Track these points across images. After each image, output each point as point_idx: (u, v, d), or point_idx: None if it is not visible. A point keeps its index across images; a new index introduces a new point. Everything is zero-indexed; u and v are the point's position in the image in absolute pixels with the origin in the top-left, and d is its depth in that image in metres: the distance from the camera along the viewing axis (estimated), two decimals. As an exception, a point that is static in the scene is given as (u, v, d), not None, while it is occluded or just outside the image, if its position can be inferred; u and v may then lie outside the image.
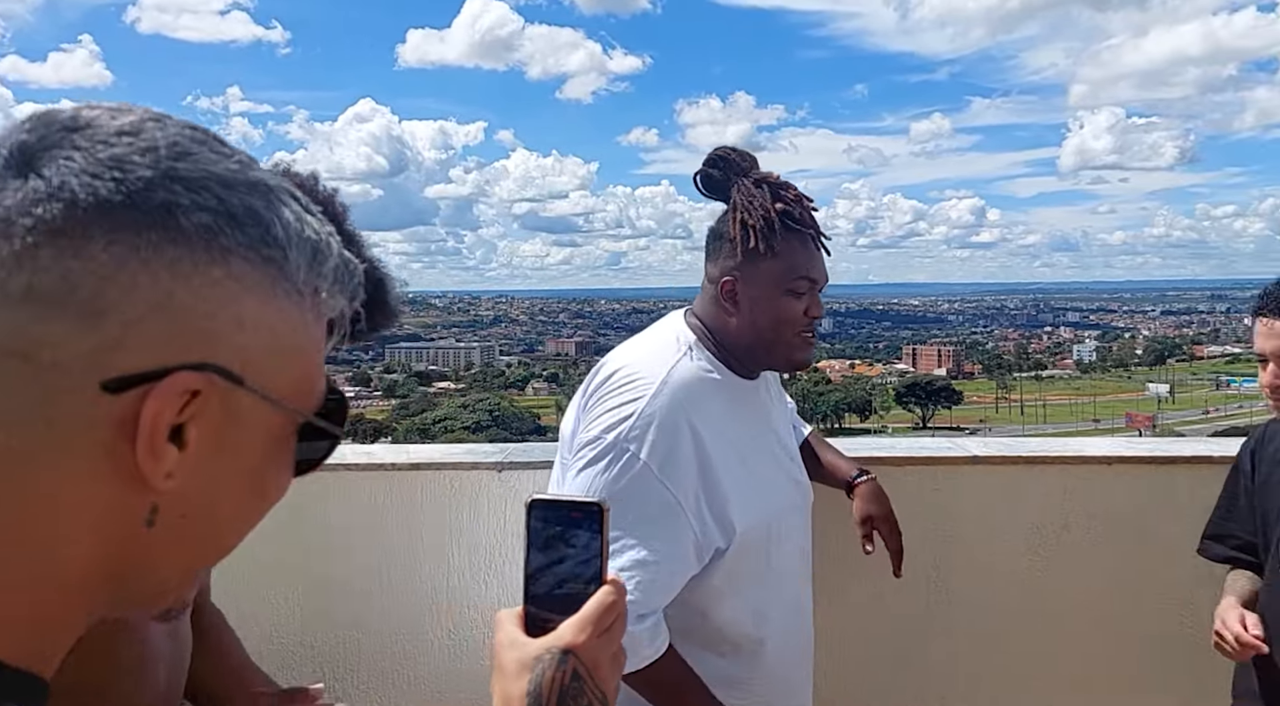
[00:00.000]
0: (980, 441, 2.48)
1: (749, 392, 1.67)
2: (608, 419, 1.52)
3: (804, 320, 1.60)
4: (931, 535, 2.29)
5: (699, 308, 1.68)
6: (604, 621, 0.73)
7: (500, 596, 2.39)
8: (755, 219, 1.56)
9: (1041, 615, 2.27)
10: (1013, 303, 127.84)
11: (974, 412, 75.30)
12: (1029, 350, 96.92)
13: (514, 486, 2.38)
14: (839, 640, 2.26)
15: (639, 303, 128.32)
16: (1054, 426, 68.90)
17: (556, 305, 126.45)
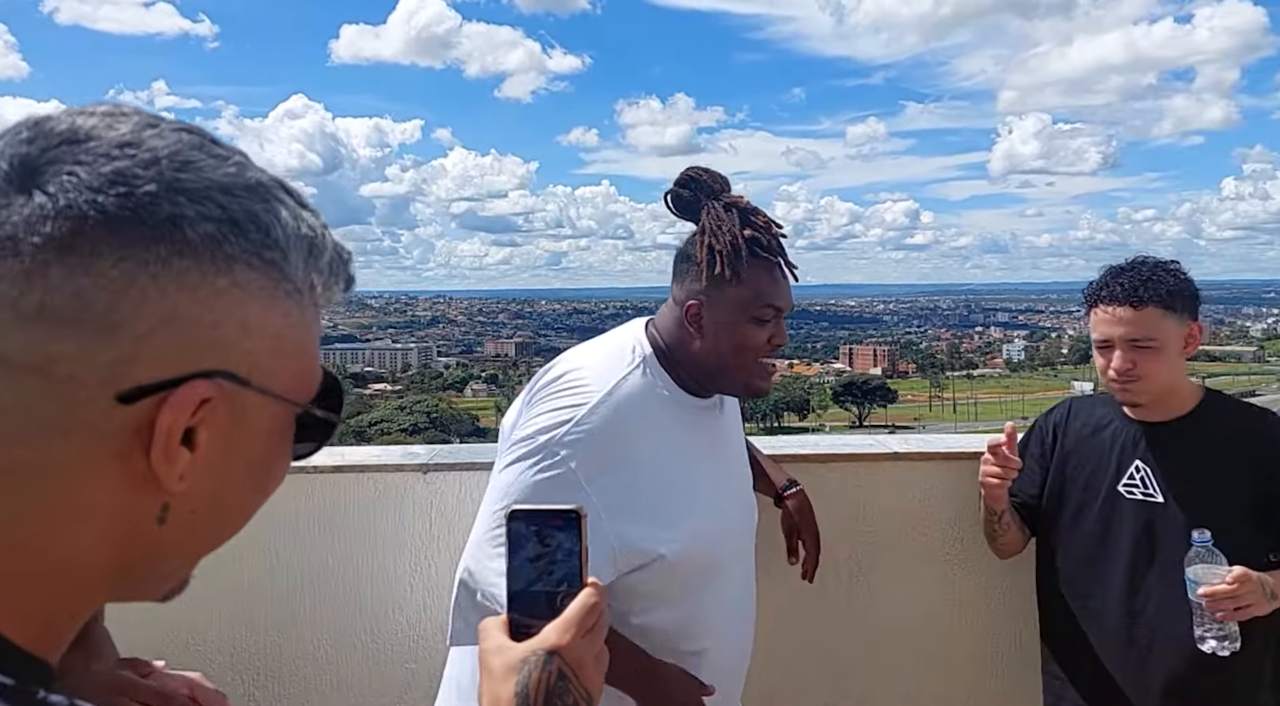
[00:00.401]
0: (900, 438, 2.54)
1: (700, 412, 1.66)
2: (546, 419, 1.51)
3: (767, 348, 1.60)
4: (854, 531, 2.33)
5: (661, 324, 1.66)
6: (586, 622, 0.76)
7: (425, 599, 2.36)
8: (723, 244, 1.54)
9: (957, 607, 2.33)
10: (945, 303, 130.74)
11: (909, 411, 76.84)
12: (961, 350, 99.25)
13: (439, 488, 2.36)
14: (762, 634, 2.29)
15: (580, 303, 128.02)
16: (985, 424, 70.65)
17: (496, 305, 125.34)
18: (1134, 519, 1.90)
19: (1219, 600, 1.69)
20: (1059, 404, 2.17)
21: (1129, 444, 1.94)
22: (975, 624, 2.34)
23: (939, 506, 2.33)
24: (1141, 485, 1.91)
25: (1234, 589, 1.68)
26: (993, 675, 2.32)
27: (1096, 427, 2.01)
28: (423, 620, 2.37)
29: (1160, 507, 1.87)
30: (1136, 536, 1.89)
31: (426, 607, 2.37)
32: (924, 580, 2.34)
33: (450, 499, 2.36)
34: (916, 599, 2.34)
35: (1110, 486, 1.94)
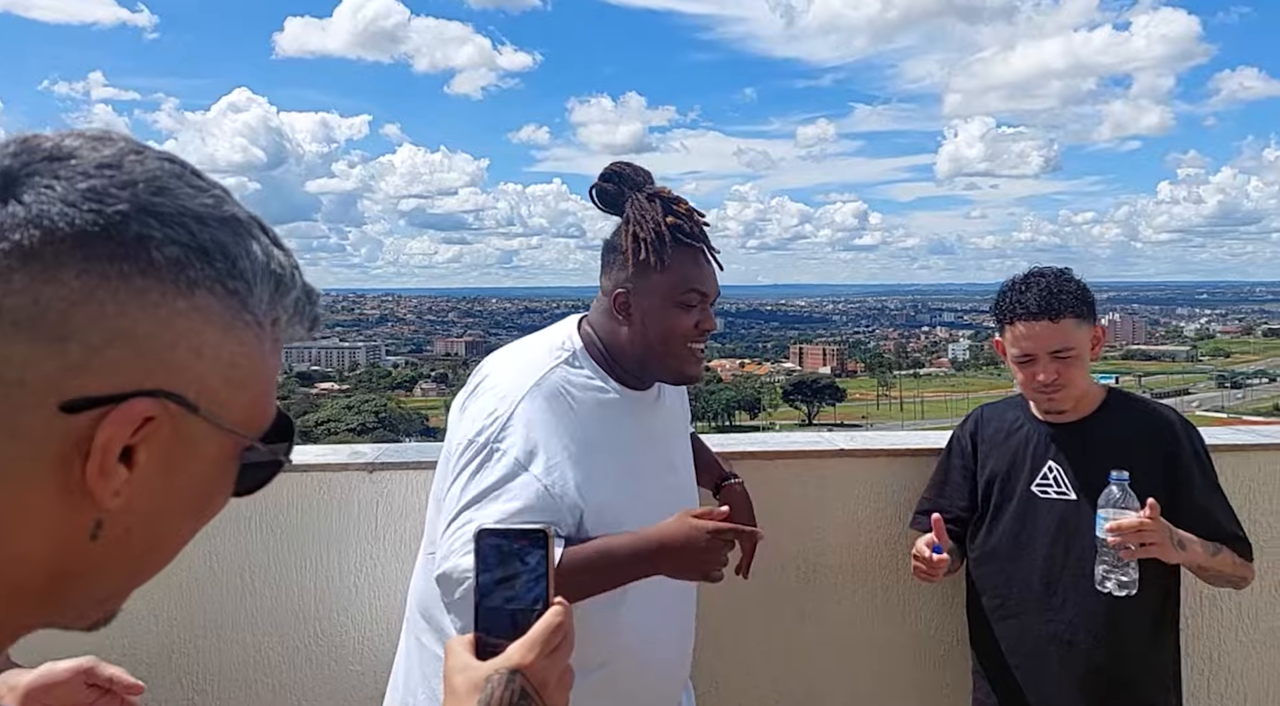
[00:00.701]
0: (848, 435, 2.57)
1: (636, 403, 1.69)
2: (479, 422, 1.56)
3: (694, 333, 1.64)
4: (803, 528, 2.35)
5: (593, 317, 1.70)
6: (551, 641, 0.76)
7: (371, 600, 2.33)
8: (647, 232, 1.59)
9: (902, 603, 2.37)
10: (893, 303, 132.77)
11: (857, 409, 77.80)
12: (908, 349, 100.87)
13: (386, 487, 2.33)
14: (711, 630, 2.30)
15: (531, 302, 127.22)
16: (931, 422, 71.87)
17: (446, 304, 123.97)
18: (1049, 518, 1.95)
19: (1125, 534, 1.72)
20: (969, 415, 2.22)
21: (1041, 445, 2.00)
22: (920, 619, 2.38)
23: (885, 502, 2.37)
24: (1055, 484, 1.97)
25: (1141, 522, 1.71)
26: (937, 670, 2.36)
27: (1009, 431, 2.07)
28: (369, 621, 2.34)
29: (1073, 505, 1.92)
30: (1052, 535, 1.94)
31: (373, 608, 2.34)
32: (871, 576, 2.37)
33: (397, 497, 2.33)
34: (863, 594, 2.37)
35: (1025, 487, 1.99)
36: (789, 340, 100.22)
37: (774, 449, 2.38)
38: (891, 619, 2.37)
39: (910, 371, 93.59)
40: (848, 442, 2.44)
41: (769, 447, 2.39)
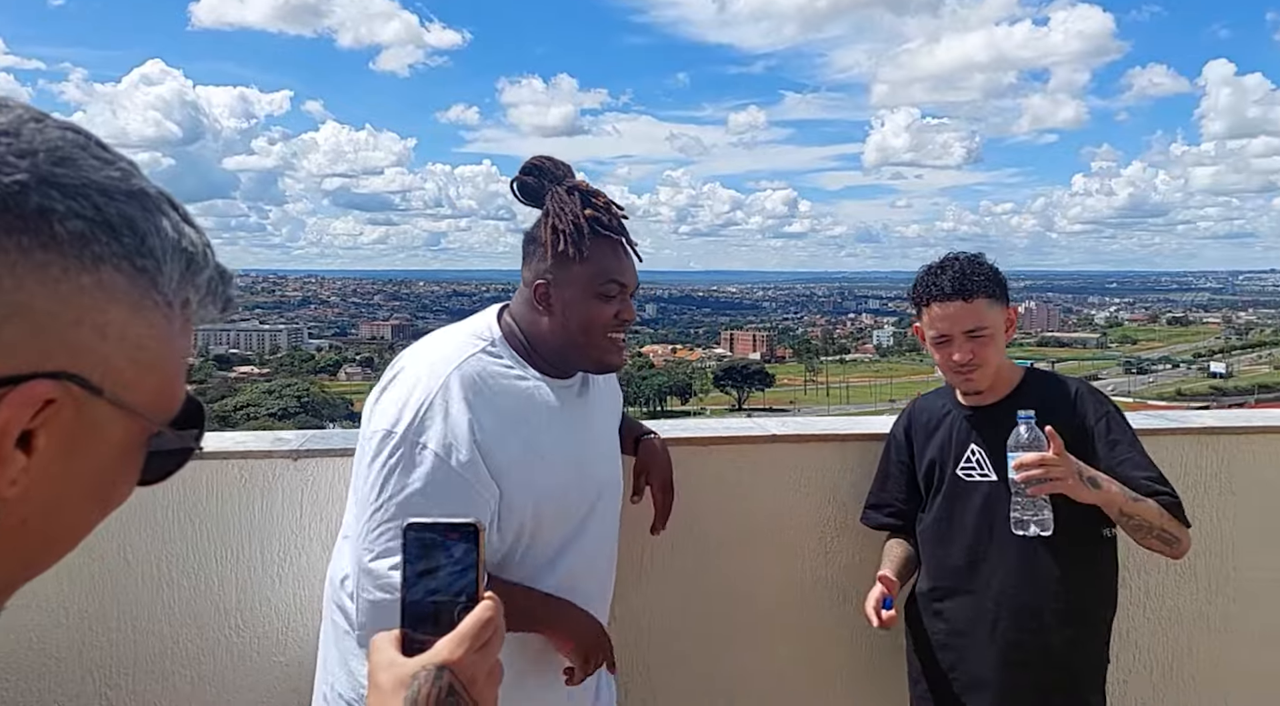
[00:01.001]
0: (779, 421, 2.60)
1: (556, 392, 1.70)
2: (394, 411, 1.56)
3: (614, 323, 1.67)
4: (734, 512, 2.37)
5: (514, 307, 1.72)
6: (480, 636, 0.74)
7: (296, 590, 2.27)
8: (565, 225, 1.61)
9: (832, 584, 2.41)
10: (821, 290, 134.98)
11: (785, 394, 79.00)
12: (834, 335, 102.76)
13: (312, 475, 2.27)
14: (638, 616, 2.31)
15: (460, 284, 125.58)
16: (856, 406, 73.42)
17: (371, 286, 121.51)
18: (974, 499, 2.01)
19: (1029, 470, 1.76)
20: (903, 411, 2.28)
21: (963, 429, 2.06)
22: (849, 600, 2.42)
23: (816, 487, 2.40)
24: (978, 467, 2.02)
25: (1043, 456, 1.76)
26: (864, 650, 2.40)
27: (938, 420, 2.13)
28: (292, 612, 2.28)
29: (995, 485, 1.98)
30: (977, 516, 2.00)
31: (297, 599, 2.28)
32: (800, 558, 2.40)
33: (323, 485, 2.27)
34: (793, 576, 2.41)
35: (951, 472, 2.05)
36: (720, 326, 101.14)
37: (707, 435, 2.39)
38: (821, 602, 2.41)
39: (836, 357, 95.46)
40: (780, 428, 2.46)
41: (702, 434, 2.40)
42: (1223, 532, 2.43)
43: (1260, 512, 2.44)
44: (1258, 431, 2.46)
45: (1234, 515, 2.43)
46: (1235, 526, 2.43)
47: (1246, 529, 2.44)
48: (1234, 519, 2.43)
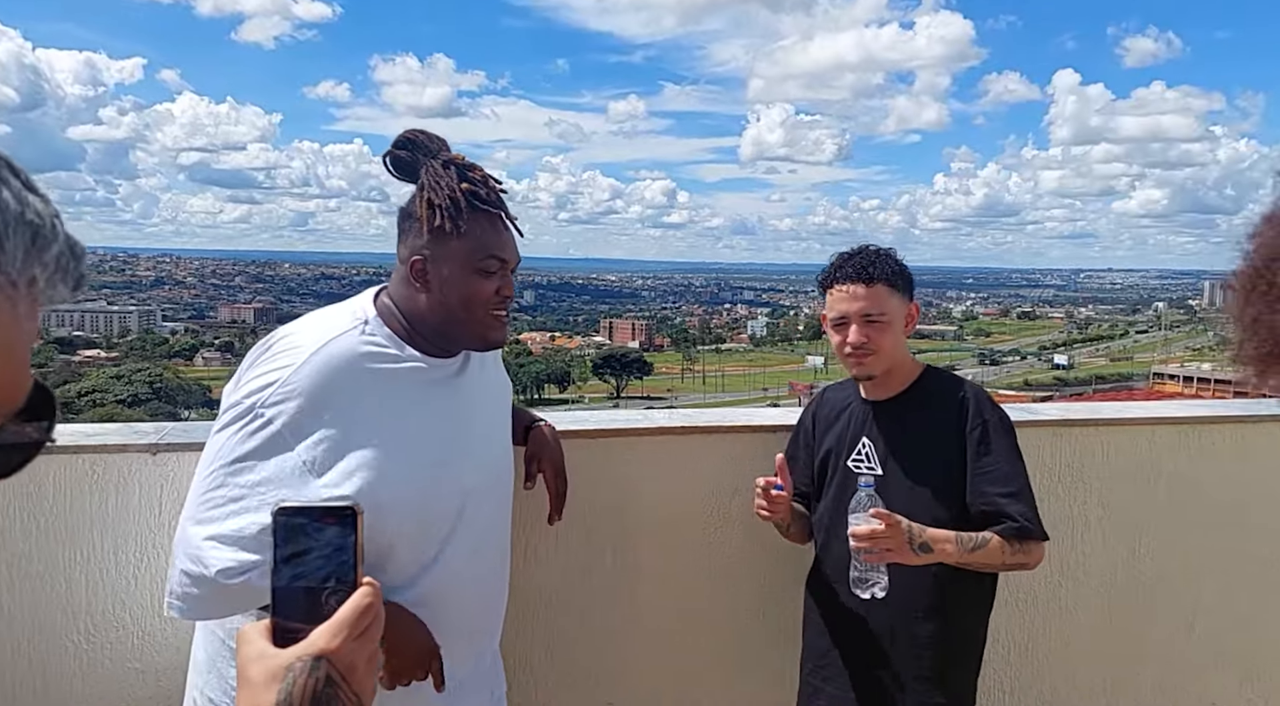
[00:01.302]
0: (665, 413, 2.60)
1: (436, 372, 1.65)
2: (254, 383, 1.50)
3: (495, 299, 1.62)
4: (621, 506, 2.37)
5: (392, 287, 1.66)
6: (359, 624, 0.71)
7: (154, 592, 2.13)
8: (442, 199, 1.56)
9: (721, 576, 2.44)
10: (698, 281, 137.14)
11: (663, 383, 79.95)
12: (711, 325, 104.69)
13: (172, 470, 2.13)
14: (528, 614, 2.28)
15: (329, 267, 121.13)
16: (730, 395, 75.10)
17: (232, 267, 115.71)
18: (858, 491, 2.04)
19: (860, 541, 1.84)
20: (815, 396, 2.32)
21: (859, 422, 2.11)
22: (738, 590, 2.46)
23: (701, 478, 2.41)
24: (866, 460, 2.08)
25: (873, 530, 1.83)
26: (756, 639, 2.44)
27: (840, 410, 2.17)
28: (149, 616, 2.14)
29: (880, 480, 2.02)
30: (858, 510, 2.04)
31: (155, 602, 2.14)
32: (684, 549, 2.42)
33: (184, 481, 2.12)
34: (681, 569, 2.42)
35: (843, 463, 2.10)
36: (599, 314, 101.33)
37: (594, 427, 2.38)
38: (704, 593, 2.44)
39: (713, 347, 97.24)
40: (666, 420, 2.47)
41: (588, 426, 2.38)
42: (1073, 519, 2.59)
43: (1107, 501, 2.62)
44: (1106, 423, 2.64)
45: (1084, 502, 2.59)
46: (1085, 513, 2.60)
47: (1096, 516, 2.61)
48: (1084, 506, 2.59)
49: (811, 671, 2.14)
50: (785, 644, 2.31)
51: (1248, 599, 2.72)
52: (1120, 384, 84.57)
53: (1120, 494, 2.62)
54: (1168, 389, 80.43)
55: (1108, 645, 2.65)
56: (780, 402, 68.69)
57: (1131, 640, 2.66)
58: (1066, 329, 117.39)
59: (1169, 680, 2.69)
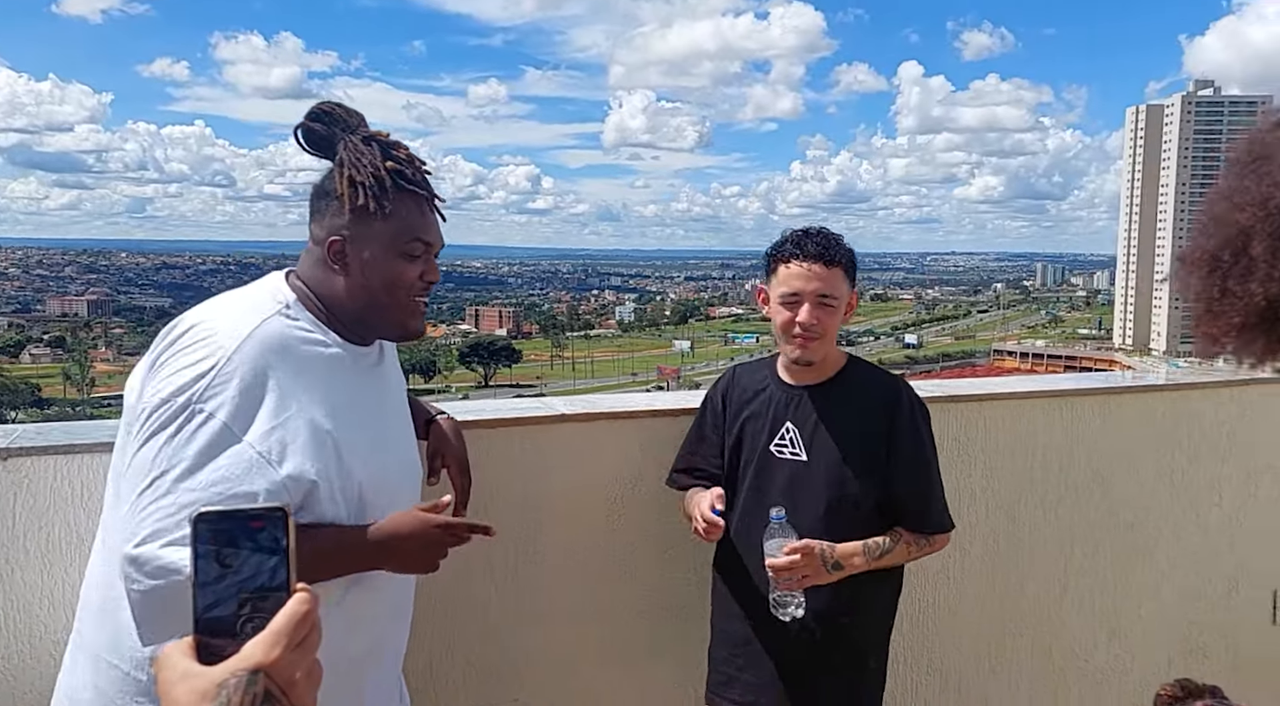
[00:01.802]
0: (566, 401, 2.55)
1: (359, 359, 1.56)
2: (179, 378, 1.34)
3: (419, 285, 1.54)
4: (523, 496, 2.30)
5: (303, 270, 1.54)
6: (297, 634, 0.66)
7: (9, 612, 1.93)
8: (365, 177, 1.46)
9: (622, 563, 2.41)
10: (565, 267, 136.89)
11: (532, 370, 79.50)
12: (579, 311, 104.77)
13: (25, 476, 1.93)
14: (426, 608, 2.19)
15: (171, 256, 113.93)
16: (599, 380, 75.44)
17: (61, 257, 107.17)
18: (781, 477, 2.05)
19: (780, 572, 1.90)
20: (723, 375, 2.30)
21: (781, 405, 2.08)
22: (643, 576, 2.44)
23: (604, 465, 2.38)
24: (790, 445, 2.06)
25: (793, 561, 1.88)
26: (662, 625, 2.43)
27: (756, 391, 2.14)
28: (4, 637, 1.93)
29: (803, 466, 2.03)
30: (781, 492, 2.04)
31: (11, 622, 1.93)
32: (591, 538, 2.38)
33: (42, 489, 1.94)
34: (585, 557, 2.38)
35: (764, 446, 2.08)
36: (465, 302, 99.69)
37: (494, 417, 2.30)
38: (615, 580, 2.41)
39: (582, 333, 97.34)
40: (568, 408, 2.42)
41: (489, 416, 2.30)
42: (959, 492, 2.69)
43: (989, 473, 2.74)
44: (989, 398, 2.76)
45: (969, 475, 2.71)
46: (971, 485, 2.71)
47: (980, 487, 2.73)
48: (969, 479, 2.71)
49: (725, 658, 2.14)
50: (691, 628, 2.31)
51: (1112, 561, 2.91)
52: (964, 361, 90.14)
53: (1001, 465, 2.75)
54: (1007, 364, 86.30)
55: (990, 610, 2.78)
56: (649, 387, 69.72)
57: (1011, 604, 2.81)
58: (916, 310, 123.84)
59: (1044, 641, 2.86)
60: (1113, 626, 2.93)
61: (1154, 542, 2.96)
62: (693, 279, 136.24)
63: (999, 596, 2.79)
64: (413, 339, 1.64)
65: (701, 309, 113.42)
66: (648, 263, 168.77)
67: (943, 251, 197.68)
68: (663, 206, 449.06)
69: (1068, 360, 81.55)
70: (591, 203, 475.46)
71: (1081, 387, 2.94)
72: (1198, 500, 3.01)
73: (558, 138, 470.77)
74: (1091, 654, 2.92)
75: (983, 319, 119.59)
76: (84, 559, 2.01)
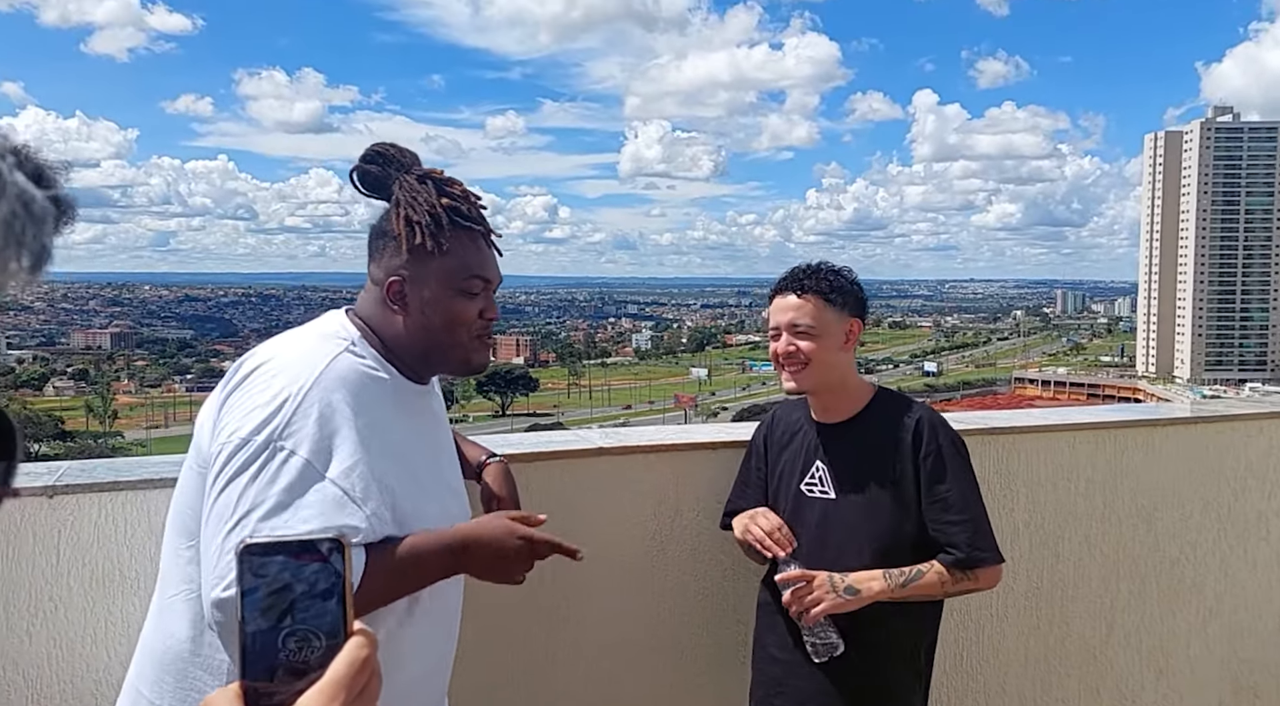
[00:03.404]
0: (603, 433, 2.54)
1: (418, 397, 1.56)
2: (255, 416, 1.32)
3: (479, 322, 1.53)
4: (561, 530, 2.28)
5: (362, 309, 1.54)
6: (357, 683, 0.60)
7: (50, 650, 1.92)
8: (421, 215, 1.46)
9: (659, 597, 2.38)
10: (582, 295, 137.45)
11: (549, 398, 79.55)
12: (596, 339, 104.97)
13: (71, 514, 1.93)
14: (469, 641, 2.16)
15: (194, 289, 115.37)
16: (617, 408, 75.33)
17: (86, 290, 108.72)
18: (812, 516, 2.04)
19: (793, 602, 1.90)
20: (764, 417, 2.30)
21: (812, 444, 2.09)
22: (683, 611, 2.40)
23: (642, 499, 2.36)
24: (820, 483, 2.05)
25: (795, 592, 1.90)
26: (702, 660, 2.39)
27: (793, 432, 2.15)
28: (46, 676, 1.93)
29: (833, 504, 2.02)
30: (812, 531, 2.03)
31: (52, 660, 1.93)
32: (631, 573, 2.35)
33: (86, 526, 1.94)
34: (625, 592, 2.35)
35: (796, 486, 2.08)
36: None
37: (531, 450, 2.29)
38: (654, 616, 2.37)
39: (599, 361, 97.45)
40: (605, 441, 2.40)
41: (526, 449, 2.29)
42: (1002, 527, 2.64)
43: (1032, 507, 2.69)
44: (1030, 431, 2.72)
45: (1012, 509, 2.66)
46: (1014, 520, 2.66)
47: (1023, 522, 2.68)
48: (1012, 513, 2.66)
49: (764, 699, 2.10)
50: (732, 665, 2.27)
51: (1159, 598, 2.85)
52: (985, 389, 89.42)
53: (1043, 500, 2.70)
54: (1028, 392, 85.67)
55: (1035, 649, 2.72)
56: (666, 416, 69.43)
57: (1057, 643, 2.74)
58: (935, 337, 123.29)
59: (1092, 681, 2.79)
60: (1161, 665, 2.86)
61: (1202, 579, 2.90)
62: (709, 306, 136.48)
63: (1043, 634, 2.73)
64: (477, 373, 1.64)
65: (718, 336, 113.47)
66: (664, 290, 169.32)
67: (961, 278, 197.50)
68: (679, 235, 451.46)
69: (1090, 388, 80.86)
70: (608, 232, 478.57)
71: (1124, 420, 2.89)
72: (1245, 535, 2.94)
73: (575, 168, 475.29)
74: (1139, 694, 2.84)
75: (1002, 346, 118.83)
76: (126, 596, 2.01)
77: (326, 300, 63.42)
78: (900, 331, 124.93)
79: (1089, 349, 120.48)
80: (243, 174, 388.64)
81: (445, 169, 1.55)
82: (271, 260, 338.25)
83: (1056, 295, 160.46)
